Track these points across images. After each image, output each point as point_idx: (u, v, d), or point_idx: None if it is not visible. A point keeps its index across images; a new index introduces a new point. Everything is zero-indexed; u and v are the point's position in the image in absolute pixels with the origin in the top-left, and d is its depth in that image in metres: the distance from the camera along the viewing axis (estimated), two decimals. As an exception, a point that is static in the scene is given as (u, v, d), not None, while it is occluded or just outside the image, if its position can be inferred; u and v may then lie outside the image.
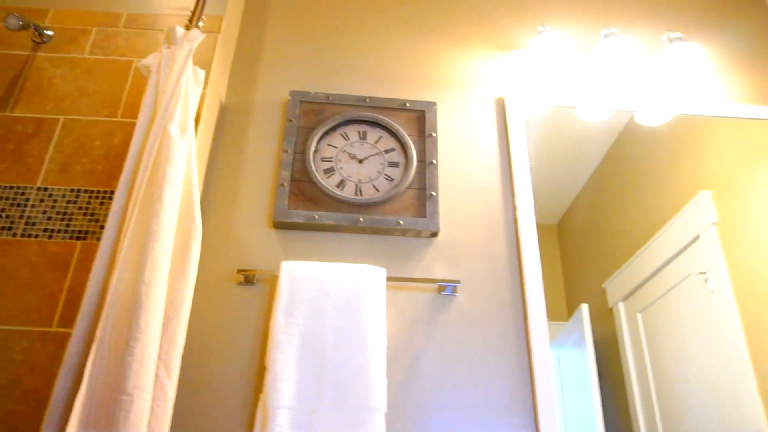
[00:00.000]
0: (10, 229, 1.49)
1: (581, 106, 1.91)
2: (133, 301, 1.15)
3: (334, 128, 1.77)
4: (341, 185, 1.67)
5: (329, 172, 1.69)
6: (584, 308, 1.60)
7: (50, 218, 1.50)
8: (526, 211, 1.69)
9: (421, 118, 1.81)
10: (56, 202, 1.53)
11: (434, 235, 1.65)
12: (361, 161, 1.72)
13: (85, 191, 1.55)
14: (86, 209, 1.52)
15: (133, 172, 1.33)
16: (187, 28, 1.56)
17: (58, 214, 1.51)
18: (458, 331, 1.53)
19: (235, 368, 1.43)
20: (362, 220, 1.61)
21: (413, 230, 1.62)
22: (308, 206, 1.62)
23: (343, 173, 1.69)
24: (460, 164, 1.78)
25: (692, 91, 1.98)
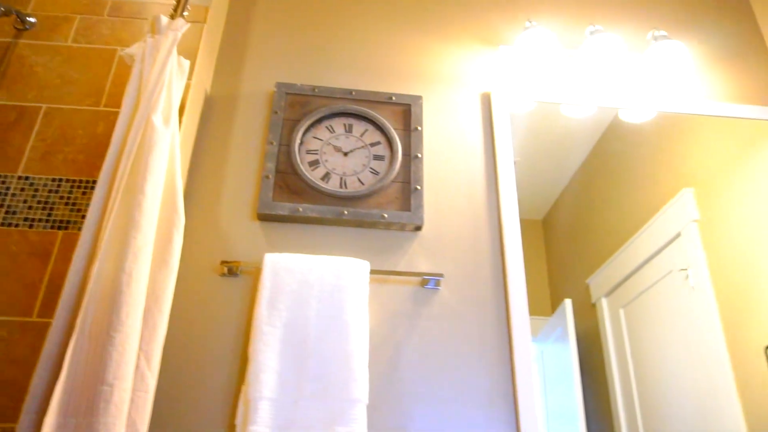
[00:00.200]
0: (-10, 218, 1.48)
1: (566, 102, 1.92)
2: (113, 291, 1.15)
3: (319, 120, 1.76)
4: (326, 178, 1.67)
5: (314, 164, 1.69)
6: (567, 303, 1.61)
7: (31, 207, 1.49)
8: (509, 205, 1.70)
9: (406, 111, 1.81)
10: (37, 191, 1.51)
11: (418, 228, 1.65)
12: (346, 154, 1.72)
13: (66, 181, 1.53)
14: (68, 199, 1.51)
15: (115, 161, 1.32)
16: (172, 17, 1.55)
17: (39, 203, 1.50)
18: (441, 324, 1.54)
19: (217, 359, 1.43)
20: (347, 212, 1.61)
21: (397, 224, 1.63)
22: (293, 198, 1.62)
23: (328, 166, 1.69)
24: (445, 158, 1.78)
25: (675, 89, 2.00)
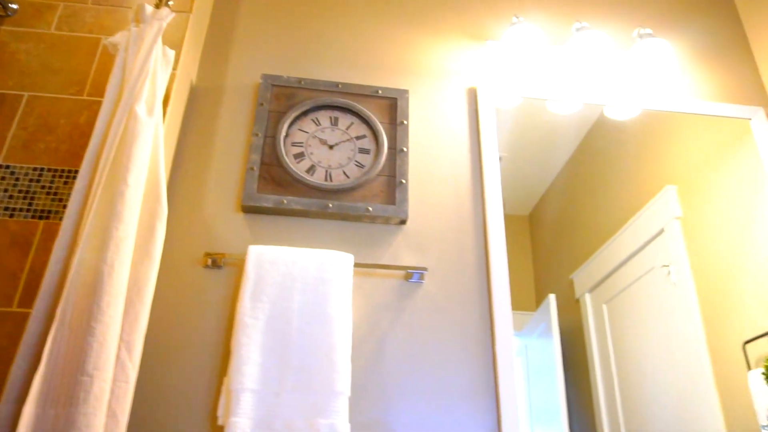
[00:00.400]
0: (-30, 206, 1.46)
1: (552, 98, 1.93)
2: (94, 281, 1.14)
3: (305, 113, 1.76)
4: (311, 170, 1.67)
5: (299, 157, 1.69)
6: (551, 298, 1.62)
7: (12, 197, 1.47)
8: (494, 200, 1.70)
9: (393, 105, 1.81)
10: (18, 180, 1.50)
11: (403, 222, 1.66)
12: (331, 147, 1.72)
13: (48, 170, 1.52)
14: (49, 188, 1.49)
15: (97, 151, 1.31)
16: (156, 6, 1.54)
17: (20, 192, 1.48)
18: (424, 317, 1.54)
19: (199, 351, 1.43)
20: (331, 206, 1.61)
21: (382, 217, 1.63)
22: (277, 191, 1.62)
23: (313, 158, 1.69)
24: (430, 153, 1.79)
25: (660, 87, 2.02)
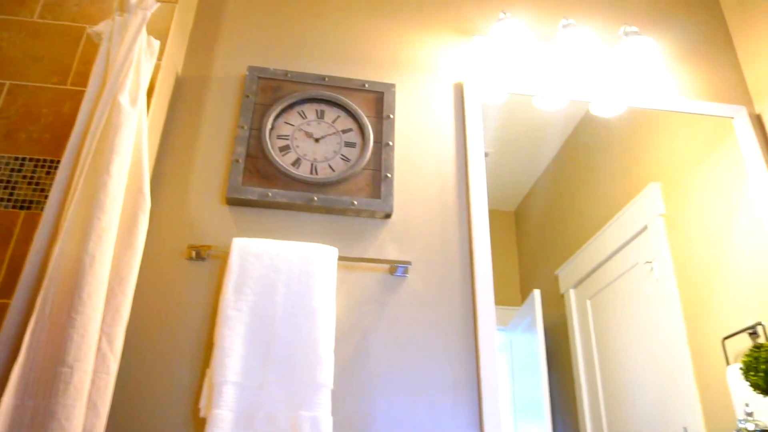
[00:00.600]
0: (-51, 196, 1.45)
1: (538, 94, 1.94)
2: (75, 272, 1.13)
3: (291, 106, 1.75)
4: (297, 164, 1.67)
5: (285, 150, 1.68)
6: (536, 294, 1.64)
7: (-8, 186, 1.46)
8: (479, 195, 1.71)
9: (379, 99, 1.81)
10: (-1, 169, 1.48)
11: (388, 216, 1.66)
12: (317, 140, 1.72)
13: (30, 160, 1.50)
14: (31, 178, 1.48)
15: (80, 141, 1.30)
16: (141, -5, 1.52)
17: (0, 182, 1.47)
18: (408, 311, 1.55)
19: (183, 343, 1.42)
20: (316, 199, 1.61)
21: (367, 211, 1.63)
22: (262, 183, 1.61)
23: (299, 151, 1.69)
24: (416, 147, 1.79)
25: (645, 84, 2.03)
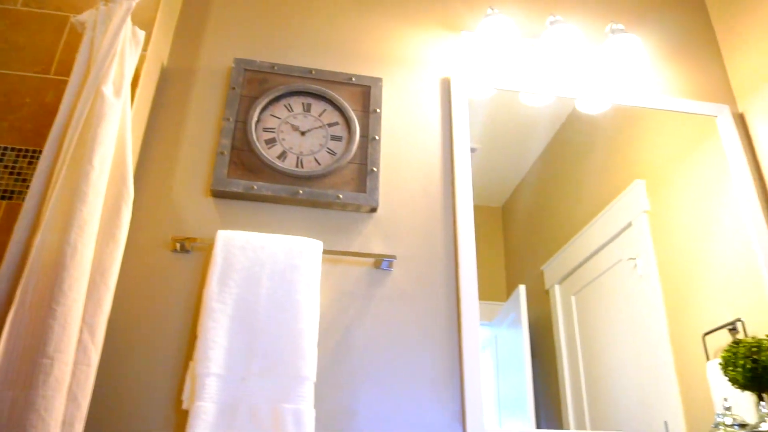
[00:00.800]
0: (-71, 185, 1.43)
1: (525, 90, 1.94)
2: (56, 263, 1.13)
3: (277, 99, 1.75)
4: (282, 156, 1.66)
5: (271, 142, 1.68)
6: (521, 289, 1.65)
7: (-27, 176, 1.44)
8: (464, 191, 1.72)
9: (366, 93, 1.81)
10: (-20, 159, 1.47)
11: (373, 210, 1.66)
12: (303, 133, 1.71)
13: (12, 149, 1.48)
14: (13, 168, 1.46)
15: (62, 131, 1.28)
16: (127, -15, 1.51)
17: (-18, 172, 1.45)
18: (392, 305, 1.55)
19: (165, 335, 1.42)
20: (302, 192, 1.61)
21: (353, 205, 1.63)
22: (247, 176, 1.61)
23: (284, 144, 1.68)
24: (402, 141, 1.79)
25: (631, 82, 2.05)
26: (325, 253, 1.50)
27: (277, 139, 1.69)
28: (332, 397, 1.42)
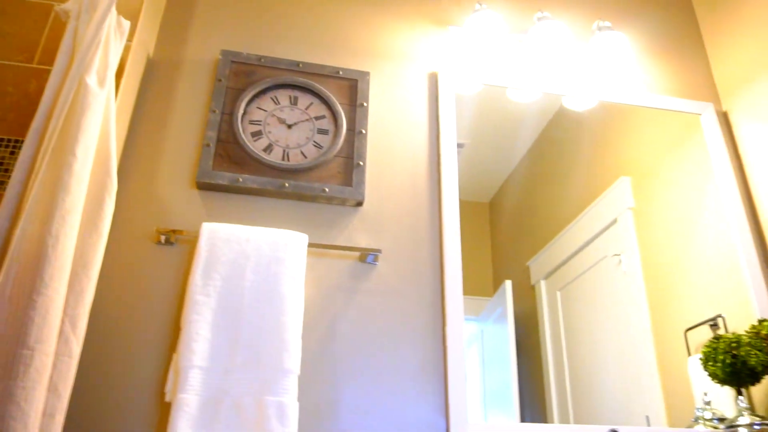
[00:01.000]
0: None
1: (511, 86, 1.95)
2: (38, 253, 1.12)
3: (264, 91, 1.74)
4: (268, 149, 1.66)
5: (257, 135, 1.67)
6: (507, 285, 1.65)
7: (-46, 165, 1.43)
8: (451, 185, 1.72)
9: (353, 86, 1.81)
10: (-39, 148, 1.45)
11: (359, 204, 1.66)
12: (290, 126, 1.71)
13: (-6, 139, 1.47)
14: (-5, 158, 1.45)
15: (44, 121, 1.27)
16: (112, -26, 1.49)
17: (-37, 161, 1.43)
18: (377, 299, 1.56)
19: (149, 327, 1.41)
20: (288, 185, 1.60)
21: (339, 198, 1.63)
22: (233, 168, 1.60)
23: (271, 137, 1.68)
24: (389, 136, 1.79)
25: (617, 79, 2.06)
26: (310, 246, 1.50)
27: (263, 131, 1.68)
28: (316, 390, 1.42)
